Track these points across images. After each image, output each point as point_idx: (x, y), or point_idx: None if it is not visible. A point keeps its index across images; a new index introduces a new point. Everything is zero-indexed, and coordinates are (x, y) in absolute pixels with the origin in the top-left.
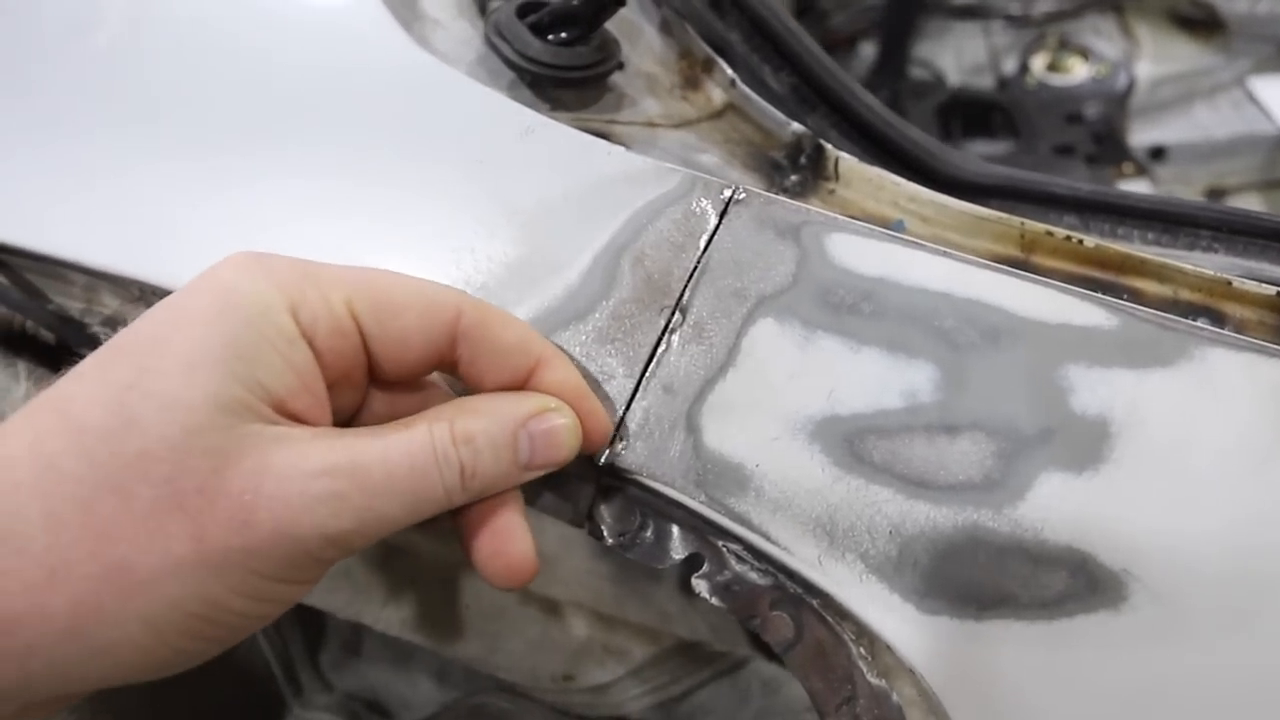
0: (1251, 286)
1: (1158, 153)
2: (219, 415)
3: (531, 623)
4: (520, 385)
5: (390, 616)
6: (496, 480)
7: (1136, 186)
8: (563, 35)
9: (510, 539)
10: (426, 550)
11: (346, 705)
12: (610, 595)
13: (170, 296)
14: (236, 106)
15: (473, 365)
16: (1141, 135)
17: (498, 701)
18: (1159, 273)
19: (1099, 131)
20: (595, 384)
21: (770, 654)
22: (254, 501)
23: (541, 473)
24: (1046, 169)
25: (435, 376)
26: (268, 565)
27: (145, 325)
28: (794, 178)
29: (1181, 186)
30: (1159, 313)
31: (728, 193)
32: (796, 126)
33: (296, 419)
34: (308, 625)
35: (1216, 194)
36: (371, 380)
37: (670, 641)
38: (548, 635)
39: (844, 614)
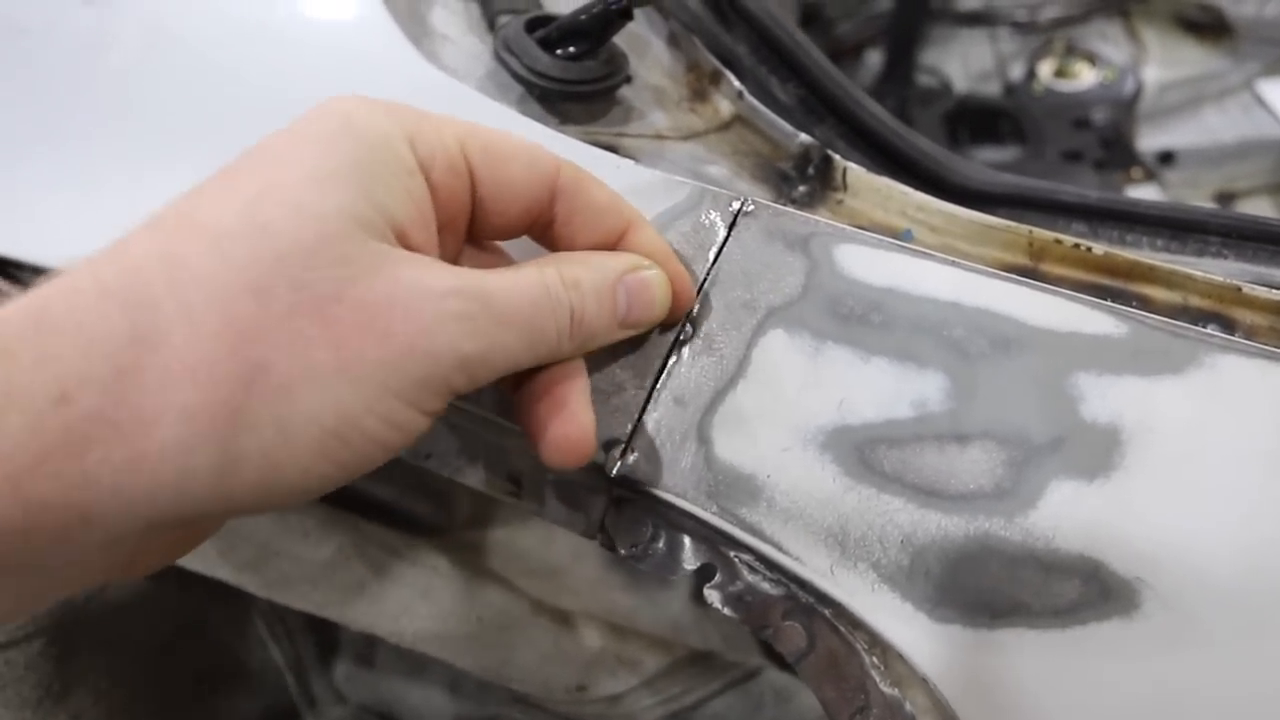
0: (1261, 292)
1: (1166, 157)
2: (352, 226)
3: (544, 634)
4: (612, 247)
5: (404, 629)
6: (598, 331)
7: (1145, 191)
8: (571, 50)
9: (575, 414)
10: (440, 563)
11: (359, 717)
12: (622, 606)
13: (287, 125)
14: (248, 123)
15: (568, 224)
16: (1150, 140)
17: (511, 714)
18: (1168, 279)
19: (1107, 137)
20: (604, 396)
21: (783, 664)
22: (391, 313)
23: (634, 331)
24: (1054, 175)
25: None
26: (403, 382)
27: (266, 146)
28: (802, 188)
29: (1191, 191)
30: (1169, 320)
31: (736, 205)
32: (804, 137)
33: (414, 250)
34: (321, 637)
35: (1226, 198)
36: (468, 237)
37: (683, 652)
38: (560, 646)
39: (856, 623)
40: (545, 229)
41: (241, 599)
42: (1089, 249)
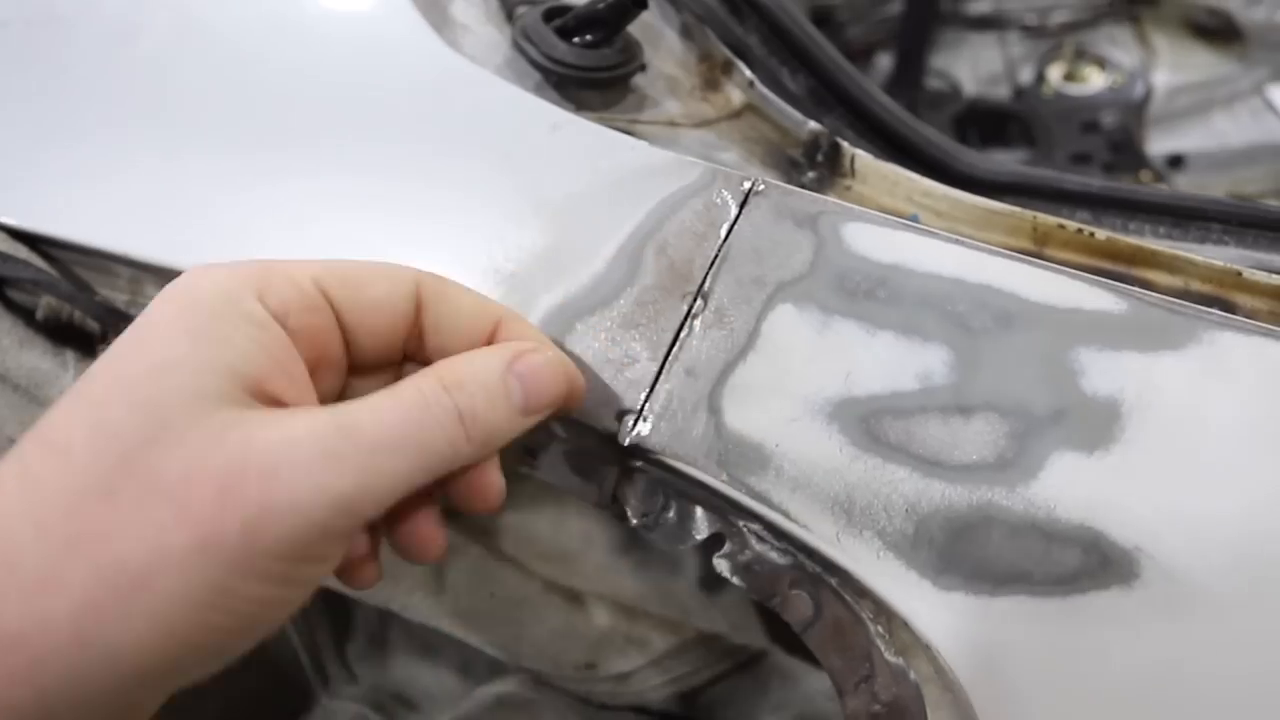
0: (1261, 277)
1: (1176, 161)
2: (193, 405)
3: (555, 611)
4: (486, 344)
5: (418, 603)
6: (498, 426)
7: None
8: (587, 38)
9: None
10: (454, 539)
11: (372, 697)
12: (630, 590)
13: (139, 315)
14: (276, 107)
15: (438, 333)
16: (1159, 144)
17: (522, 690)
18: (1170, 264)
19: (1116, 140)
20: (618, 367)
21: (788, 645)
22: (243, 478)
23: (541, 416)
24: None
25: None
26: (274, 543)
27: (117, 345)
28: (811, 174)
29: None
30: (1168, 298)
31: (747, 184)
32: (813, 125)
33: (278, 403)
34: (335, 617)
35: None
36: (350, 369)
37: (690, 633)
38: (570, 624)
39: (862, 591)
40: (418, 346)
41: None
42: (1092, 234)
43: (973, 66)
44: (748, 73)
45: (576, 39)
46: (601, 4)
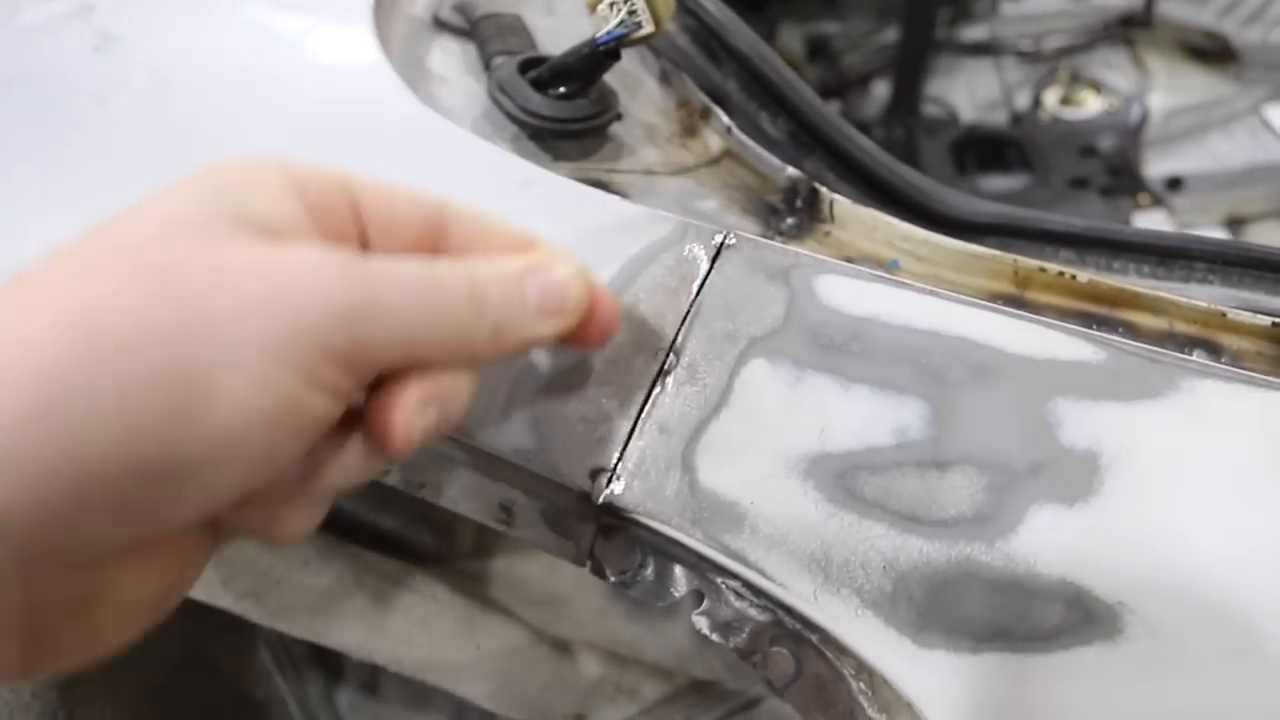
0: (1246, 318)
1: (1174, 183)
2: (199, 216)
3: (543, 662)
4: None
5: (403, 656)
6: (512, 317)
7: (1153, 218)
8: (562, 90)
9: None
10: (439, 591)
11: None
12: (626, 635)
13: None
14: None
15: (468, 250)
16: (1157, 166)
17: None
18: (1153, 306)
19: (1114, 164)
20: (590, 424)
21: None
22: (243, 267)
23: (555, 323)
24: (1061, 203)
25: None
26: (265, 338)
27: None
28: (790, 220)
29: (1199, 216)
30: (1146, 346)
31: (719, 238)
32: (791, 171)
33: None
34: (326, 667)
35: (1235, 223)
36: None
37: (683, 680)
38: (559, 674)
39: (842, 649)
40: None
41: (247, 629)
42: (1073, 276)
43: (969, 93)
44: (725, 119)
45: (551, 90)
46: (574, 56)
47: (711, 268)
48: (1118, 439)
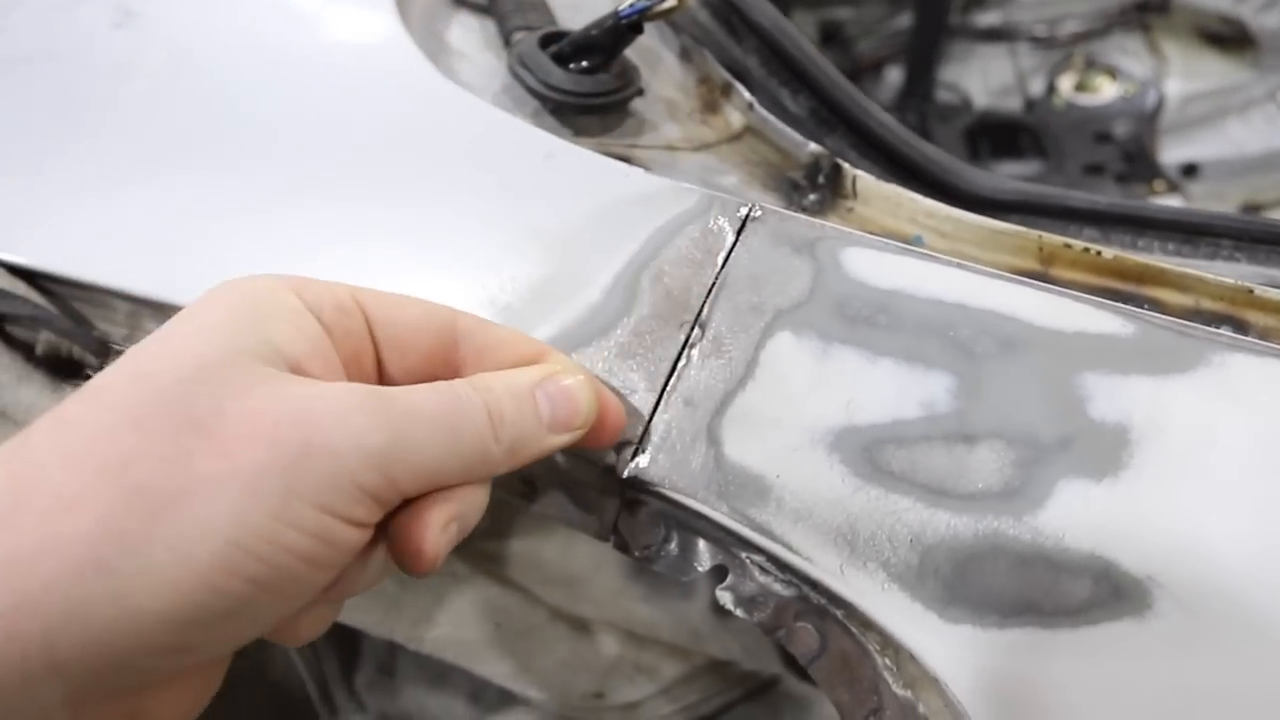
0: (1274, 294)
1: (1190, 170)
2: (232, 357)
3: (562, 640)
4: None
5: (422, 634)
6: (526, 433)
7: (1169, 204)
8: (584, 64)
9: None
10: (458, 569)
11: None
12: (643, 615)
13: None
14: (272, 140)
15: (479, 364)
16: (1173, 152)
17: None
18: (1179, 282)
19: (1129, 150)
20: (619, 397)
21: (802, 672)
22: (279, 417)
23: (567, 437)
24: (1076, 189)
25: None
26: (306, 485)
27: (161, 329)
28: (812, 197)
29: (1216, 203)
30: (1176, 320)
31: (744, 210)
32: (814, 147)
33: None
34: (343, 645)
35: (1252, 209)
36: (380, 380)
37: (701, 660)
38: (578, 653)
39: (868, 624)
40: (454, 376)
41: None
42: (1099, 253)
43: (983, 79)
44: (747, 95)
45: (573, 65)
46: (597, 30)
47: (737, 240)
48: (1147, 413)
